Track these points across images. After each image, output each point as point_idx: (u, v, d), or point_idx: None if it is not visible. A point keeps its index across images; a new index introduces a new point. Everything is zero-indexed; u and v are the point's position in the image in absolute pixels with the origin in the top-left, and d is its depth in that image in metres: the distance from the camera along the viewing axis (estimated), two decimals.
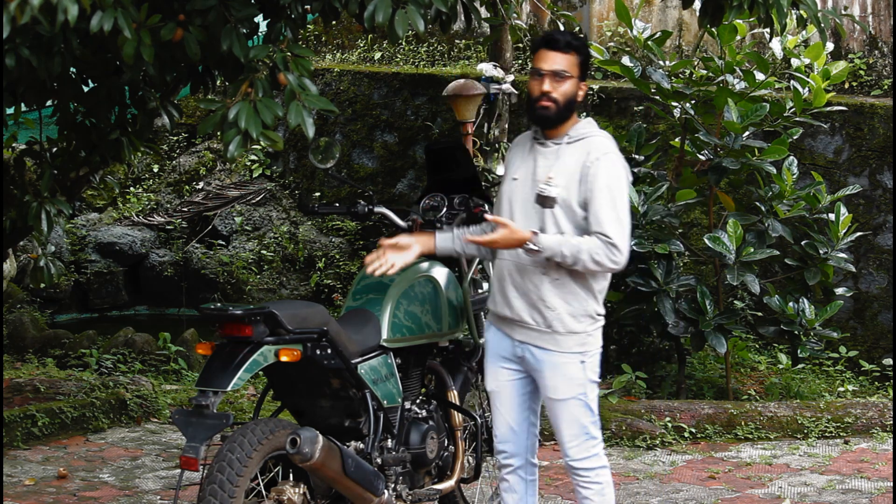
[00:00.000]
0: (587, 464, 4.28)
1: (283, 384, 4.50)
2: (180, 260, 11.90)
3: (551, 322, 4.16)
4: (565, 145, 4.20)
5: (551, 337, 4.18)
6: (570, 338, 4.18)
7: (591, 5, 11.65)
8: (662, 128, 9.49)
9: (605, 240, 4.07)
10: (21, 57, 3.82)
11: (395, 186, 11.56)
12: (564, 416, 4.24)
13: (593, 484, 4.29)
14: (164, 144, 12.69)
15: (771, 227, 7.45)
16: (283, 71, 3.65)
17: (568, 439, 4.26)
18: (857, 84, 10.44)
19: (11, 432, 6.62)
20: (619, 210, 4.11)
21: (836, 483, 6.12)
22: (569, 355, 4.19)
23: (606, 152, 4.17)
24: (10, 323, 9.40)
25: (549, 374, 4.21)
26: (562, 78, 4.16)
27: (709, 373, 8.23)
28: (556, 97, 4.16)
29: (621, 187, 4.15)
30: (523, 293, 4.20)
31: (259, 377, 7.47)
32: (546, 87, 4.16)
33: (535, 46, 4.27)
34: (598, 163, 4.13)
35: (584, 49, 4.23)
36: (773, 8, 4.54)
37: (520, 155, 4.33)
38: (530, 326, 4.20)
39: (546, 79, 4.16)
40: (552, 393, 4.23)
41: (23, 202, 5.25)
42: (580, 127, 4.24)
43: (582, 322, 4.18)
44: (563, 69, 4.16)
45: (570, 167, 4.15)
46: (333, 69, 12.03)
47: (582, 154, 4.16)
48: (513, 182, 4.27)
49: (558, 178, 4.15)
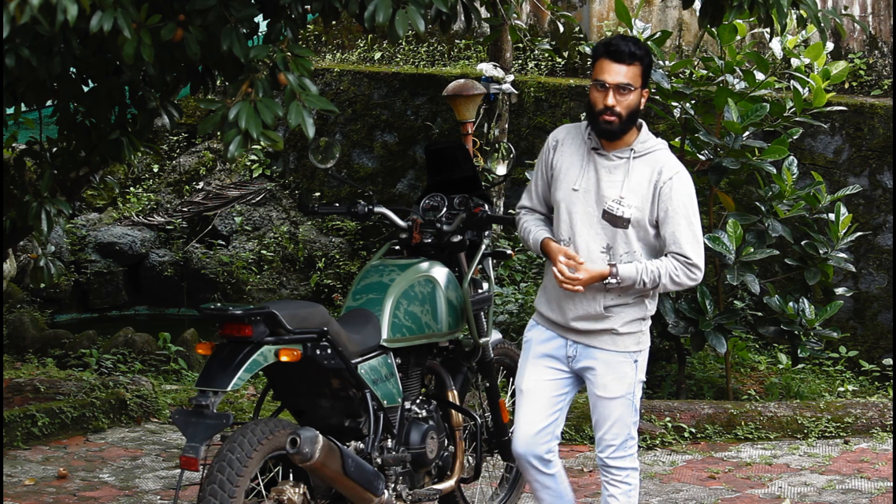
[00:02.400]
0: (622, 463, 4.32)
1: (283, 384, 4.50)
2: (180, 260, 11.91)
3: (611, 324, 4.20)
4: (633, 160, 4.17)
5: (609, 337, 4.22)
6: (627, 337, 4.23)
7: (591, 5, 11.65)
8: (662, 128, 9.49)
9: (684, 261, 4.12)
10: (21, 57, 3.82)
11: (395, 186, 11.56)
12: (612, 414, 4.26)
13: (623, 484, 4.32)
14: (164, 144, 12.70)
15: (771, 227, 7.45)
16: (283, 71, 3.65)
17: (610, 438, 4.29)
18: (857, 84, 10.44)
19: (11, 432, 6.62)
20: (695, 228, 4.15)
21: (836, 483, 6.12)
22: (624, 354, 4.24)
23: (678, 171, 4.17)
24: (10, 323, 9.41)
25: (601, 372, 4.24)
26: (626, 91, 4.10)
27: (709, 373, 8.23)
28: (619, 111, 4.10)
29: (695, 205, 4.18)
30: (580, 304, 4.21)
31: (259, 377, 7.47)
32: (610, 102, 4.09)
33: (596, 54, 4.18)
34: (671, 182, 4.13)
35: (647, 57, 4.16)
36: (773, 8, 4.54)
37: (572, 160, 4.25)
38: (588, 328, 4.22)
39: (610, 92, 4.10)
40: (602, 391, 4.25)
41: (23, 202, 5.24)
42: (643, 140, 4.21)
43: (638, 322, 4.24)
44: (627, 82, 4.10)
45: (643, 186, 4.14)
46: (333, 69, 12.03)
47: (652, 172, 4.15)
48: (573, 193, 4.20)
49: (630, 198, 4.13)
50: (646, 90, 4.19)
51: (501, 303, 8.68)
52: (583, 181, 4.20)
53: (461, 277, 4.91)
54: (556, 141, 4.34)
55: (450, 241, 4.89)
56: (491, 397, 5.16)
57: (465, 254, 4.95)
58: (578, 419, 6.83)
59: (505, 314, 8.62)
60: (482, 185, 5.06)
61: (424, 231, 4.91)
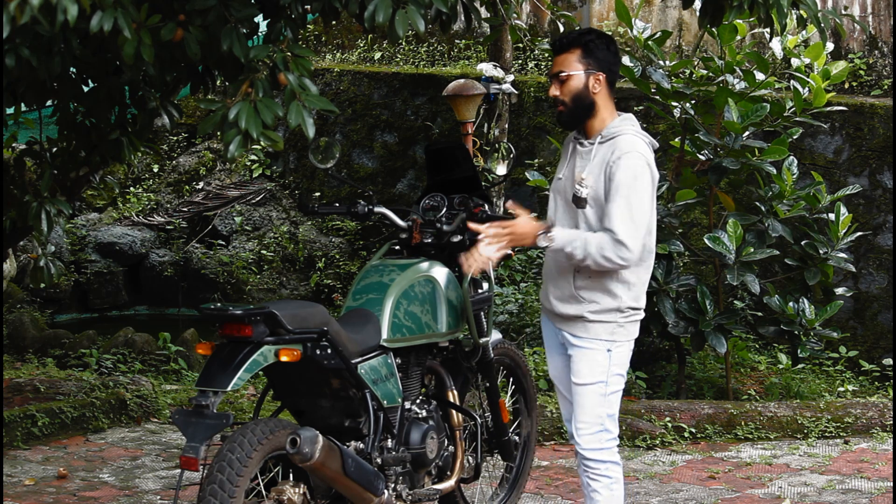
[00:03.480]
0: (597, 455, 4.31)
1: (283, 384, 4.50)
2: (180, 260, 11.91)
3: (582, 311, 4.28)
4: (598, 145, 4.29)
5: (582, 325, 4.30)
6: (598, 326, 4.29)
7: (591, 5, 11.66)
8: (662, 128, 9.49)
9: (612, 237, 4.13)
10: (21, 57, 3.82)
11: (395, 186, 11.56)
12: (582, 401, 4.31)
13: (603, 477, 4.32)
14: (164, 144, 12.70)
15: (771, 227, 7.45)
16: (283, 71, 3.65)
17: (581, 426, 4.31)
18: (857, 84, 10.44)
19: (11, 432, 6.62)
20: (634, 210, 4.14)
21: (836, 483, 6.12)
22: (597, 342, 4.30)
23: (628, 151, 4.19)
24: (10, 323, 9.41)
25: (577, 358, 4.33)
26: (564, 78, 4.27)
27: (709, 373, 8.23)
28: (563, 99, 4.29)
29: (638, 186, 4.17)
30: (559, 286, 4.34)
31: (259, 377, 7.47)
32: (554, 92, 4.31)
33: None
34: (618, 161, 4.19)
35: (582, 39, 4.26)
36: (773, 8, 4.54)
37: (564, 153, 4.46)
38: (566, 315, 4.33)
39: (553, 83, 4.31)
40: (575, 377, 4.34)
41: (23, 202, 5.24)
42: (613, 125, 4.30)
43: (611, 312, 4.28)
44: (560, 70, 4.28)
45: (598, 167, 4.25)
46: (333, 69, 12.03)
47: (607, 153, 4.24)
48: (558, 181, 4.41)
49: (588, 179, 4.25)
50: (598, 73, 4.26)
51: (501, 303, 8.68)
52: (565, 169, 4.39)
53: (461, 277, 4.91)
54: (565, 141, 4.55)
55: (450, 241, 4.89)
56: (491, 397, 5.15)
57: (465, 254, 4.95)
58: None
59: (505, 314, 8.62)
60: (482, 185, 5.05)
61: (424, 231, 4.91)
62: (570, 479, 6.17)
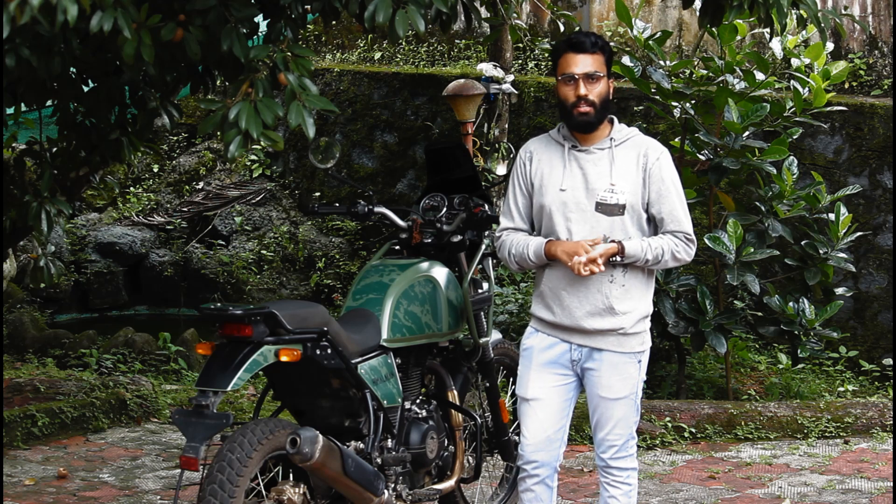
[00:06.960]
0: (623, 464, 4.30)
1: (283, 384, 4.50)
2: (180, 260, 11.90)
3: (620, 324, 4.17)
4: (615, 148, 4.19)
5: (616, 339, 4.19)
6: (633, 338, 4.22)
7: (591, 5, 11.66)
8: (662, 128, 9.49)
9: (684, 237, 4.17)
10: (21, 57, 3.81)
11: (395, 186, 11.56)
12: (615, 414, 4.24)
13: (623, 484, 4.30)
14: (164, 144, 12.70)
15: (771, 227, 7.45)
16: (284, 71, 3.65)
17: (613, 438, 4.27)
18: (857, 84, 10.44)
19: (11, 432, 6.62)
20: (685, 205, 4.22)
21: (836, 483, 6.12)
22: (630, 355, 4.22)
23: (663, 149, 4.21)
24: (10, 323, 9.41)
25: (606, 373, 4.21)
26: (595, 79, 4.13)
27: (709, 373, 8.23)
28: (593, 100, 4.13)
29: (680, 183, 4.24)
30: (586, 299, 4.17)
31: (259, 377, 7.47)
32: (583, 91, 4.12)
33: (558, 52, 4.20)
34: (659, 163, 4.17)
35: (608, 47, 4.21)
36: (773, 8, 4.54)
37: (552, 164, 4.24)
38: (599, 330, 4.18)
39: (581, 82, 4.12)
40: (606, 392, 4.22)
41: (23, 202, 5.24)
42: (619, 129, 4.24)
43: (643, 321, 4.24)
44: (595, 70, 4.13)
45: (631, 170, 4.16)
46: (333, 69, 12.03)
47: (638, 155, 4.17)
48: (561, 194, 4.18)
49: (621, 184, 4.14)
50: (612, 80, 4.23)
51: (501, 303, 8.68)
52: (569, 180, 4.19)
53: (461, 277, 4.91)
54: (529, 153, 4.34)
55: (450, 241, 4.89)
56: (491, 397, 5.16)
57: (465, 254, 4.95)
58: (578, 419, 6.80)
59: (505, 314, 8.61)
60: (482, 185, 5.06)
61: (424, 231, 4.91)
62: (570, 479, 6.16)
